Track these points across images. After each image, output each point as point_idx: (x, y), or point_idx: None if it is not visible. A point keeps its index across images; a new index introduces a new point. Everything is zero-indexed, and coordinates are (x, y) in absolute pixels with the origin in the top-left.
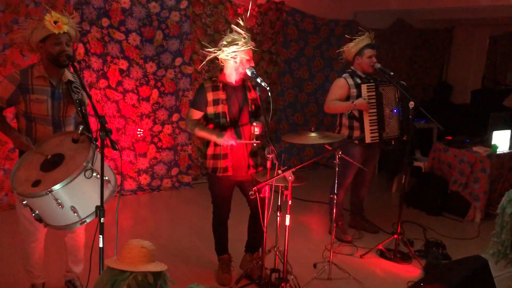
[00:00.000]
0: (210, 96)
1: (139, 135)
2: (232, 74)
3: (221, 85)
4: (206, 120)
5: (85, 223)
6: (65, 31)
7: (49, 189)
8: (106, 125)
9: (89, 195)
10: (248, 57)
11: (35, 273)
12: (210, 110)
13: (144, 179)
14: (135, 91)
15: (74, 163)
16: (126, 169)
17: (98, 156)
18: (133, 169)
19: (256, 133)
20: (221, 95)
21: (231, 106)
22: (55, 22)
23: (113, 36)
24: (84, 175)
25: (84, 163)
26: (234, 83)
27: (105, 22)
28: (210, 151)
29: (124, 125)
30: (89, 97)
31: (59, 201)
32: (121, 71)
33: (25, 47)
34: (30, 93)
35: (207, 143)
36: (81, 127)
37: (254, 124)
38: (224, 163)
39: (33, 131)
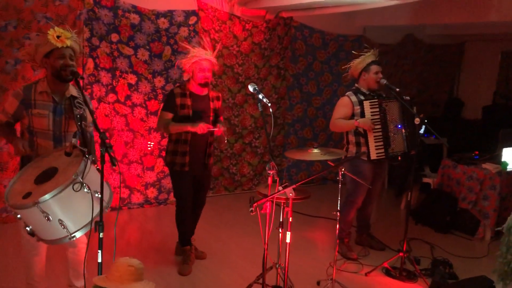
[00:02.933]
0: (178, 101)
1: (149, 148)
2: (193, 85)
3: (188, 93)
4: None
5: (74, 238)
6: (68, 45)
7: (35, 201)
8: (107, 141)
9: (78, 209)
10: (199, 68)
11: (36, 286)
12: (178, 112)
13: (151, 193)
14: (144, 105)
15: (64, 176)
16: (134, 183)
17: (92, 170)
18: (140, 182)
19: (215, 132)
20: (188, 101)
21: (195, 111)
22: (58, 37)
23: (122, 51)
24: (72, 188)
25: (73, 176)
26: (198, 92)
27: (114, 37)
28: (170, 147)
29: (132, 139)
30: (92, 112)
31: (47, 213)
32: (130, 85)
33: (31, 61)
34: (32, 108)
35: (170, 140)
36: (73, 140)
37: (218, 125)
38: (182, 159)
39: (35, 145)
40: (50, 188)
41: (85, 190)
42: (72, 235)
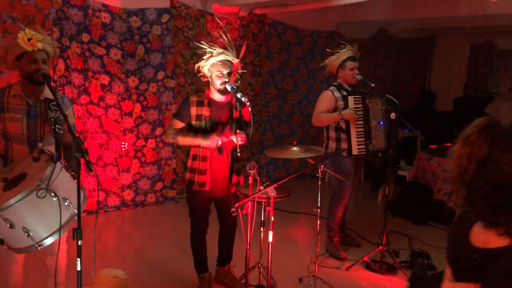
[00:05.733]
0: (194, 111)
1: (123, 148)
2: (212, 91)
3: (206, 101)
4: (189, 132)
5: (41, 247)
6: (40, 48)
7: None
8: (83, 146)
9: (44, 216)
10: (218, 72)
11: None
12: (192, 124)
13: (128, 195)
14: (118, 106)
15: (29, 182)
16: (109, 185)
17: (63, 175)
18: (116, 184)
19: (239, 142)
20: (205, 111)
21: (214, 123)
22: (29, 40)
23: (94, 51)
24: (36, 194)
25: (37, 182)
26: (218, 100)
27: (85, 37)
28: (189, 164)
29: (107, 140)
30: (65, 116)
31: (10, 221)
32: (103, 86)
33: (2, 64)
34: (5, 112)
35: (187, 155)
36: (40, 145)
37: (238, 131)
38: (202, 178)
39: (10, 150)
40: (14, 194)
41: (51, 196)
42: (39, 243)
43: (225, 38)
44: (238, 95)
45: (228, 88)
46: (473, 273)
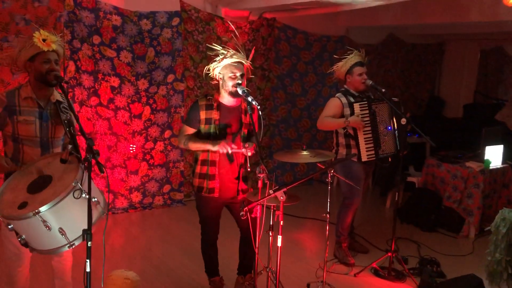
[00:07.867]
0: (203, 115)
1: (131, 151)
2: (222, 95)
3: (215, 104)
4: (199, 137)
5: (73, 246)
6: (54, 49)
7: (36, 210)
8: (93, 147)
9: (78, 216)
10: (231, 74)
11: None
12: (201, 128)
13: (136, 197)
14: (127, 108)
15: (62, 184)
16: (118, 187)
17: (86, 176)
18: (124, 186)
19: (248, 155)
20: (214, 115)
21: (223, 127)
22: (44, 40)
23: (104, 53)
24: (73, 195)
25: (73, 183)
26: (228, 104)
27: (96, 39)
28: (197, 169)
29: (115, 142)
30: (76, 118)
31: (47, 223)
32: (113, 88)
33: (14, 65)
34: (18, 115)
35: (196, 160)
36: (69, 147)
37: (246, 145)
38: (211, 184)
39: (21, 153)
40: (50, 196)
41: (84, 196)
42: (72, 243)
43: (235, 41)
44: (249, 99)
45: (239, 91)
46: None
